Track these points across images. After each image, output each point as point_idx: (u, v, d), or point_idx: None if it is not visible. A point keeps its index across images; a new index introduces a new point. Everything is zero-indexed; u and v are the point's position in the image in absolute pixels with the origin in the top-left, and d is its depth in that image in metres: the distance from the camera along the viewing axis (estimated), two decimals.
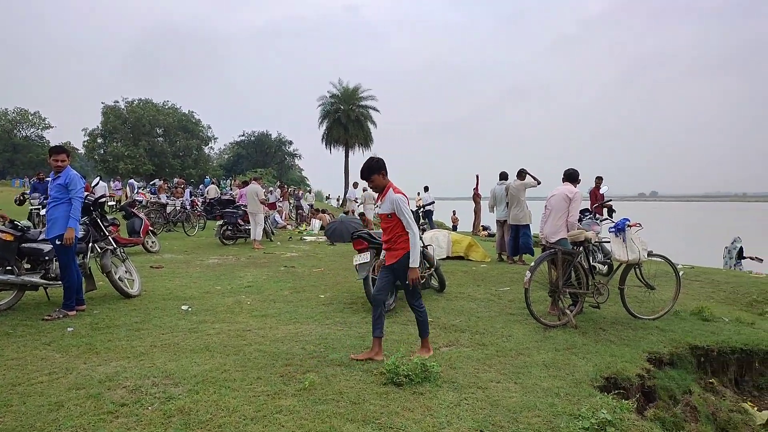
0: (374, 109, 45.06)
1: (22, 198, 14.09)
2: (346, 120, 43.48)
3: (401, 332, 5.31)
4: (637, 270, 6.20)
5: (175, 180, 33.47)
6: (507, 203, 10.51)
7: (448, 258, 10.64)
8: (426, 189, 20.54)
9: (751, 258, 12.56)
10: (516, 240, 10.23)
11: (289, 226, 20.43)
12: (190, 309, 6.11)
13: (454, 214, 27.15)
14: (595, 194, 11.90)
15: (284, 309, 6.27)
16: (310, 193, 32.04)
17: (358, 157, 45.88)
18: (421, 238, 7.29)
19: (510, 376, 4.15)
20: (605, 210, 11.02)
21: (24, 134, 60.81)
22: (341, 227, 15.03)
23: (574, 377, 4.18)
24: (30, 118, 60.97)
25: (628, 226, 6.05)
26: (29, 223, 6.45)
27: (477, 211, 20.92)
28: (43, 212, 5.00)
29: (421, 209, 19.73)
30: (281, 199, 22.43)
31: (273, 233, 15.67)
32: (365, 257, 6.09)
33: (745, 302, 7.68)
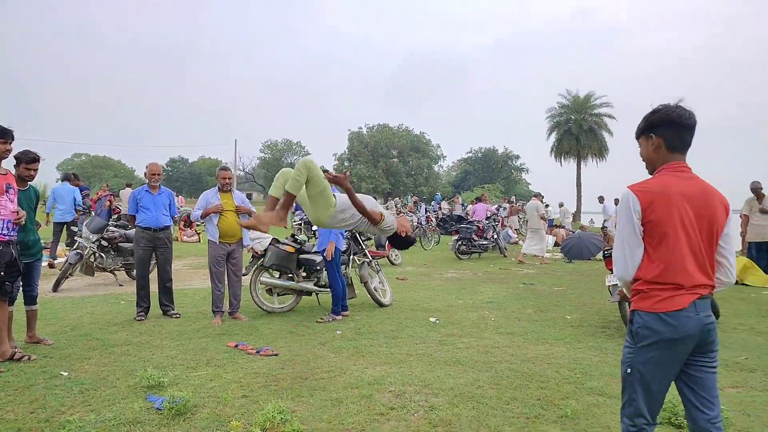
0: (609, 116, 41.81)
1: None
2: (577, 130, 41.16)
3: None
4: None
5: (412, 197, 35.84)
6: None
7: None
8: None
9: None
10: None
11: (520, 242, 20.04)
12: (437, 321, 6.35)
13: None
14: None
15: (530, 328, 6.08)
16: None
17: (591, 169, 43.02)
18: None
19: None
20: None
21: (290, 161, 71.91)
22: (579, 244, 14.16)
23: None
24: (293, 147, 71.88)
25: None
26: (305, 237, 7.51)
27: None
28: (314, 228, 5.89)
29: None
30: (509, 215, 22.17)
31: (506, 248, 15.54)
32: None
33: None
